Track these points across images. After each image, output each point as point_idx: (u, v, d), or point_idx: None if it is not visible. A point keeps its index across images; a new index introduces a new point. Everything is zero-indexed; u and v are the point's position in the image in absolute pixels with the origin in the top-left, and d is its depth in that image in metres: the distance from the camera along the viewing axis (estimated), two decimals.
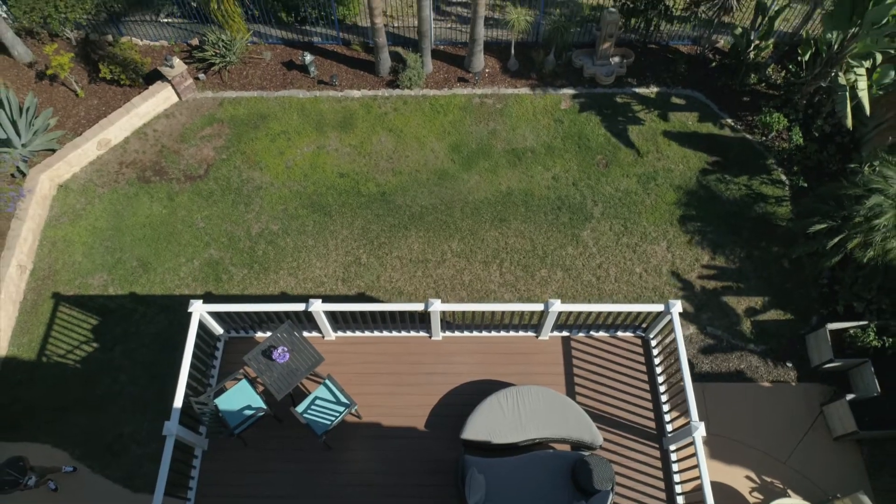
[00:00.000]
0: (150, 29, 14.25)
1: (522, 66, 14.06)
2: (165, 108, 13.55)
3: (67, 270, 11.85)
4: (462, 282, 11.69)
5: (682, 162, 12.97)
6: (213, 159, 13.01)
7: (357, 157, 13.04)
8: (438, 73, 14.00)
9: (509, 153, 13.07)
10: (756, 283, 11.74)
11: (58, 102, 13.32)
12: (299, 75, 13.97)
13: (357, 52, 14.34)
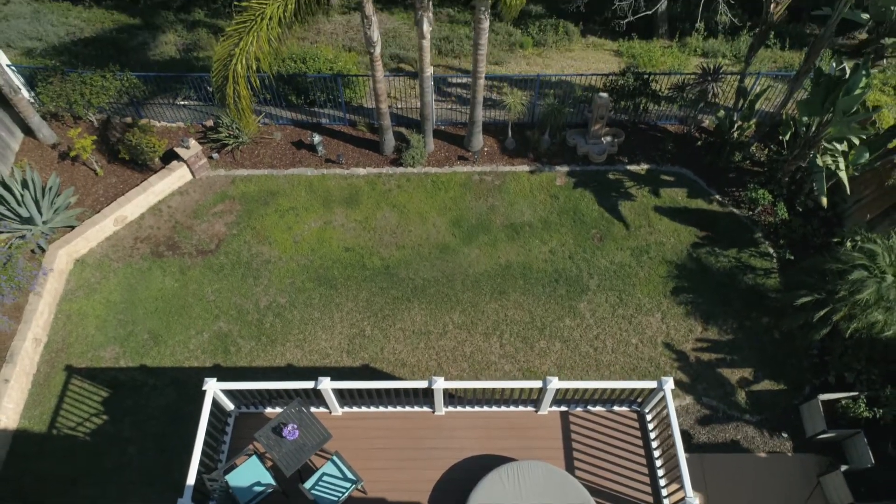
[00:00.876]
0: (168, 111, 15.12)
1: (519, 145, 14.86)
2: (180, 186, 14.24)
3: (80, 343, 12.22)
4: (463, 353, 12.04)
5: (673, 236, 13.54)
6: (225, 235, 13.59)
7: (362, 232, 13.62)
8: (440, 152, 14.78)
9: (508, 228, 13.67)
10: (749, 353, 12.09)
11: (78, 181, 14.02)
12: (308, 154, 14.74)
13: (363, 132, 15.17)
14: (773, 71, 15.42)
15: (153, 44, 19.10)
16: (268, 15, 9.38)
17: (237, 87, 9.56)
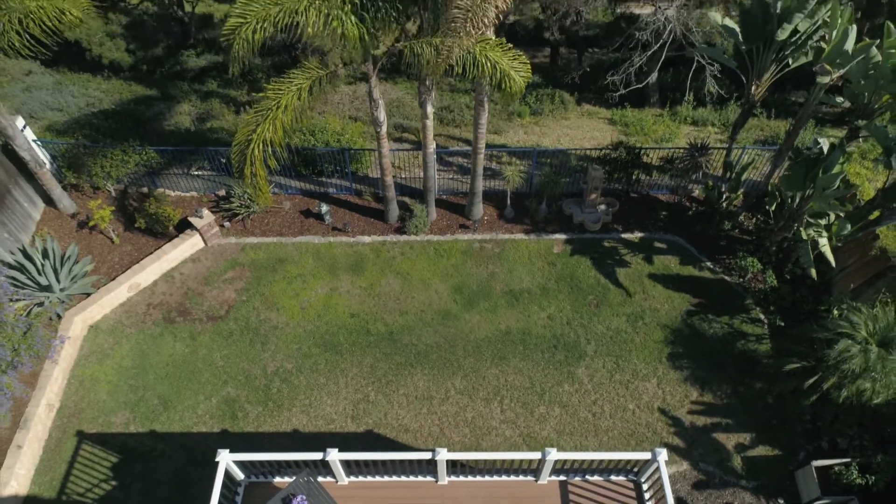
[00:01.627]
0: (182, 181, 15.85)
1: (518, 214, 15.52)
2: (192, 254, 14.82)
3: (92, 408, 12.54)
4: (465, 419, 12.35)
5: (667, 302, 14.03)
6: (234, 301, 14.08)
7: (367, 299, 14.12)
8: (442, 220, 15.43)
9: (507, 294, 14.17)
10: (743, 418, 12.40)
11: (95, 249, 14.61)
12: (315, 222, 15.39)
13: (368, 202, 15.87)
14: (758, 145, 16.22)
15: (168, 114, 20.06)
16: (283, 104, 10.13)
17: (254, 168, 10.23)
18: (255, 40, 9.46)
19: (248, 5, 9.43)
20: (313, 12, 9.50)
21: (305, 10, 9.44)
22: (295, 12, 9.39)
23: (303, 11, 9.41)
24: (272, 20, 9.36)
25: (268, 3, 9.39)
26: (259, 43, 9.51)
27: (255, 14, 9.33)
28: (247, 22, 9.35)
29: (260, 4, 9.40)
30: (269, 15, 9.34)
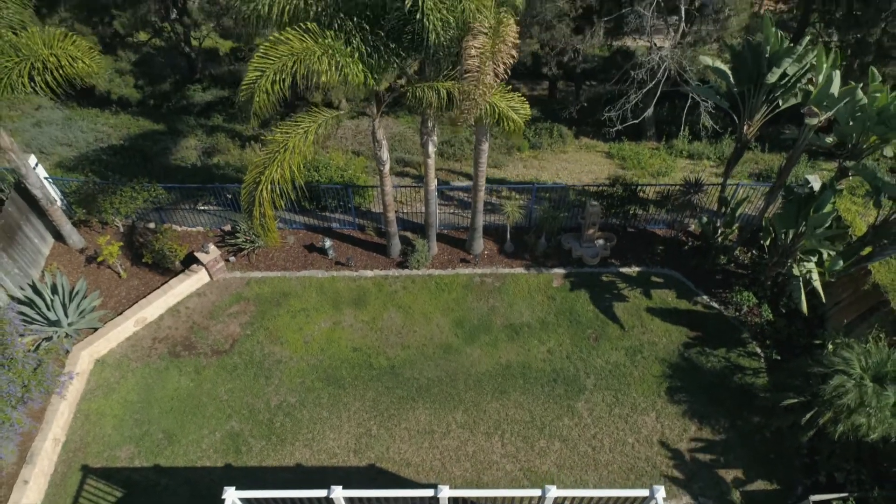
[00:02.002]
0: (189, 216, 16.19)
1: (517, 248, 15.83)
2: (198, 288, 15.08)
3: (97, 443, 12.68)
4: (466, 453, 12.48)
5: (665, 336, 14.25)
6: (239, 335, 14.31)
7: (369, 332, 14.34)
8: (443, 255, 15.73)
9: (508, 328, 14.40)
10: (741, 451, 12.53)
11: (103, 283, 14.88)
12: (319, 257, 15.69)
13: (371, 236, 16.19)
14: (752, 179, 16.60)
15: (175, 148, 20.51)
16: (290, 146, 10.49)
17: (263, 209, 10.54)
18: (274, 91, 9.83)
19: (265, 58, 9.81)
20: (326, 60, 9.91)
21: (319, 59, 9.84)
22: (310, 62, 9.79)
23: (317, 61, 9.81)
24: (289, 71, 9.75)
25: (284, 55, 9.78)
26: (277, 94, 9.86)
27: (273, 66, 9.71)
28: (265, 75, 9.72)
29: (276, 57, 9.78)
30: (287, 66, 9.72)
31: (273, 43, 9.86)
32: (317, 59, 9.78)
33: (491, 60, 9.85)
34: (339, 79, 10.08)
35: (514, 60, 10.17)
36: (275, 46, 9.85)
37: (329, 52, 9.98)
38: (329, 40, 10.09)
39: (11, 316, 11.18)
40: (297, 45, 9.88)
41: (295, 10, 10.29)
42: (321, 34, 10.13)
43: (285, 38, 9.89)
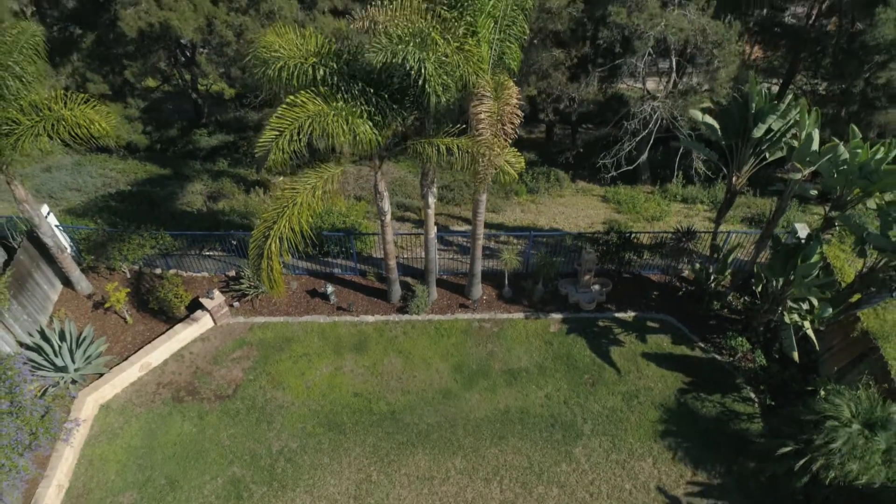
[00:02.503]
0: (194, 262, 16.58)
1: (515, 294, 16.18)
2: (202, 333, 15.38)
3: (100, 489, 12.81)
4: (465, 499, 12.61)
5: (660, 381, 14.50)
6: (241, 380, 14.55)
7: (370, 378, 14.59)
8: (442, 300, 16.07)
9: (506, 373, 14.65)
10: (738, 497, 12.65)
11: (109, 329, 15.18)
12: (321, 302, 16.02)
13: (371, 282, 16.56)
14: (744, 224, 17.03)
15: (181, 193, 21.03)
16: (299, 201, 10.94)
17: (270, 262, 10.92)
18: (290, 149, 10.32)
19: (282, 119, 10.31)
20: (339, 121, 10.45)
21: (333, 121, 10.38)
22: (324, 123, 10.33)
23: (330, 122, 10.34)
24: (305, 131, 10.26)
25: (299, 115, 10.29)
26: (291, 151, 10.35)
27: (290, 128, 10.21)
28: (282, 135, 10.21)
29: (292, 118, 10.28)
30: (303, 126, 10.24)
31: (289, 106, 10.38)
32: (330, 120, 10.31)
33: (499, 123, 10.40)
34: (350, 138, 10.60)
35: (520, 120, 10.73)
36: (291, 108, 10.37)
37: (341, 114, 10.52)
38: (340, 103, 10.64)
39: (20, 366, 11.46)
40: (311, 107, 10.42)
41: (303, 74, 10.85)
42: (332, 97, 10.68)
43: (300, 102, 10.42)
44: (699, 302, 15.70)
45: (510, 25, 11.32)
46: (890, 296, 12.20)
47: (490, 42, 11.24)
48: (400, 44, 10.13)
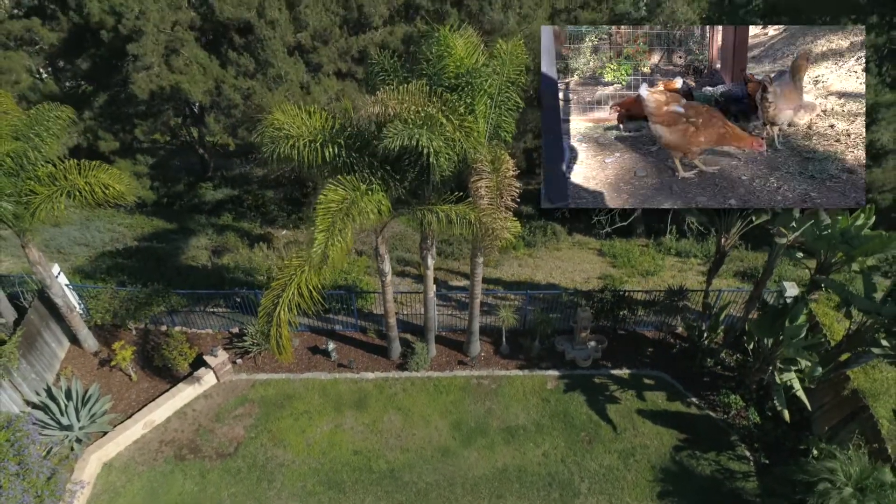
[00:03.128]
0: (199, 318, 16.96)
1: (513, 350, 16.51)
2: (205, 390, 15.64)
3: None
4: None
5: (656, 438, 14.70)
6: (243, 437, 14.75)
7: (370, 435, 14.80)
8: (441, 357, 16.39)
9: (504, 431, 14.87)
10: None
11: (114, 386, 15.46)
12: (322, 359, 16.34)
13: (372, 338, 16.91)
14: (732, 288, 17.47)
15: (186, 248, 21.55)
16: (307, 269, 11.40)
17: (280, 329, 11.32)
18: (344, 240, 10.90)
19: (326, 217, 10.85)
20: (370, 203, 11.21)
21: (365, 203, 11.06)
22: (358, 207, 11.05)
23: (363, 205, 11.01)
24: (349, 218, 10.89)
25: (339, 207, 10.92)
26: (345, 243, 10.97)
27: (336, 223, 10.81)
28: (332, 227, 10.77)
29: (333, 211, 10.90)
30: (347, 214, 10.89)
31: (325, 202, 10.93)
32: (363, 203, 11.03)
33: (498, 195, 10.97)
34: (376, 215, 11.24)
35: (519, 192, 11.32)
36: (327, 204, 10.94)
37: (369, 195, 11.19)
38: (363, 185, 11.36)
39: (29, 427, 11.72)
40: (344, 194, 11.10)
41: (313, 152, 11.46)
42: (356, 185, 11.29)
43: (333, 195, 11.03)
44: (693, 359, 16.02)
45: (505, 101, 12.00)
46: (876, 357, 12.54)
47: (487, 117, 11.90)
48: (414, 128, 10.72)
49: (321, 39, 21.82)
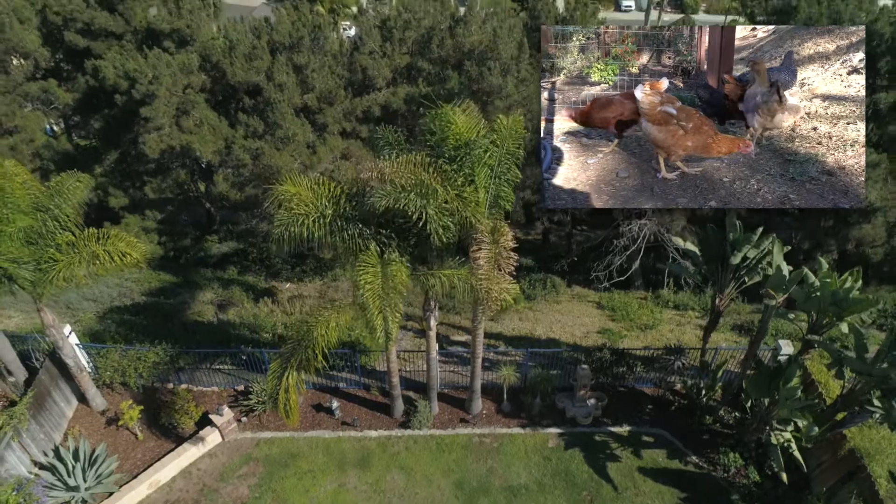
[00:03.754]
0: (204, 376, 17.24)
1: (514, 407, 16.74)
2: (210, 449, 15.81)
3: None
4: None
5: (657, 497, 14.81)
6: (247, 497, 14.86)
7: (373, 495, 14.91)
8: (443, 414, 16.61)
9: (506, 490, 14.98)
10: None
11: (120, 445, 15.64)
12: (326, 417, 16.56)
13: (375, 396, 17.16)
14: (729, 346, 17.80)
15: (192, 303, 21.94)
16: (314, 335, 11.79)
17: (288, 395, 11.64)
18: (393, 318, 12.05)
19: (375, 300, 11.72)
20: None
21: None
22: None
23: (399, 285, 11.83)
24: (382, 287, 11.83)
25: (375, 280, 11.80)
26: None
27: (378, 294, 11.66)
28: (377, 302, 11.64)
29: (379, 300, 11.83)
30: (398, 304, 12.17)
31: (371, 291, 11.79)
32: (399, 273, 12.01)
33: (496, 265, 11.47)
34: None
35: (516, 263, 11.81)
36: (373, 291, 11.85)
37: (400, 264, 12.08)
38: (396, 255, 12.23)
39: (39, 491, 11.91)
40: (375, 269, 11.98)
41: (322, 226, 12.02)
42: (390, 257, 12.09)
43: (370, 276, 11.87)
44: (692, 416, 16.23)
45: (505, 172, 12.59)
46: (871, 417, 12.80)
47: (486, 188, 12.47)
48: (402, 192, 11.33)
49: (327, 101, 22.68)
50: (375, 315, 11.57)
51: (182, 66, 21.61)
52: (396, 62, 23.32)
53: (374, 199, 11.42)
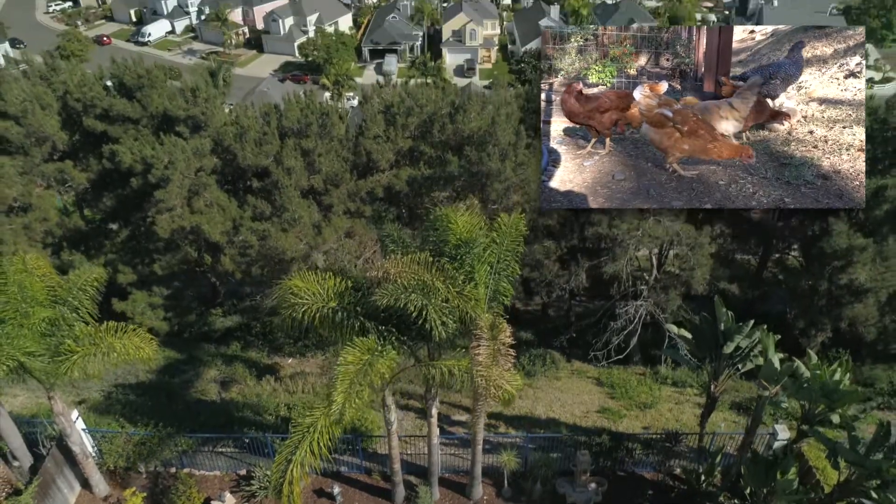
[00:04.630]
0: (207, 459, 17.35)
1: (514, 493, 16.79)
2: None
3: None
4: None
5: None
6: None
7: None
8: (444, 500, 16.65)
9: None
10: None
11: None
12: (327, 502, 16.58)
13: (376, 481, 17.24)
14: (726, 431, 18.03)
15: (196, 381, 22.20)
16: (319, 426, 12.10)
17: (292, 487, 11.85)
18: (362, 398, 11.99)
19: (344, 381, 11.80)
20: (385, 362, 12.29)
21: (381, 364, 12.19)
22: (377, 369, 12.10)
23: (379, 365, 12.12)
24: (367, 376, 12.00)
25: (359, 367, 11.95)
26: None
27: (356, 380, 11.80)
28: (353, 385, 11.75)
29: (349, 381, 11.83)
30: (363, 392, 12.05)
31: (343, 372, 11.90)
32: (379, 364, 11.98)
33: (495, 360, 11.92)
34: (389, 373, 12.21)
35: (513, 359, 12.26)
36: (346, 372, 11.91)
37: (382, 357, 12.16)
38: (380, 347, 12.38)
39: None
40: (361, 356, 12.08)
41: (326, 318, 12.53)
42: (373, 348, 12.29)
43: (350, 357, 12.02)
44: (692, 502, 16.27)
45: (504, 268, 13.18)
46: None
47: (486, 283, 13.03)
48: (404, 292, 11.86)
49: (333, 183, 23.59)
50: (338, 392, 11.77)
51: (195, 150, 22.61)
52: (399, 145, 24.37)
53: (377, 298, 11.91)
